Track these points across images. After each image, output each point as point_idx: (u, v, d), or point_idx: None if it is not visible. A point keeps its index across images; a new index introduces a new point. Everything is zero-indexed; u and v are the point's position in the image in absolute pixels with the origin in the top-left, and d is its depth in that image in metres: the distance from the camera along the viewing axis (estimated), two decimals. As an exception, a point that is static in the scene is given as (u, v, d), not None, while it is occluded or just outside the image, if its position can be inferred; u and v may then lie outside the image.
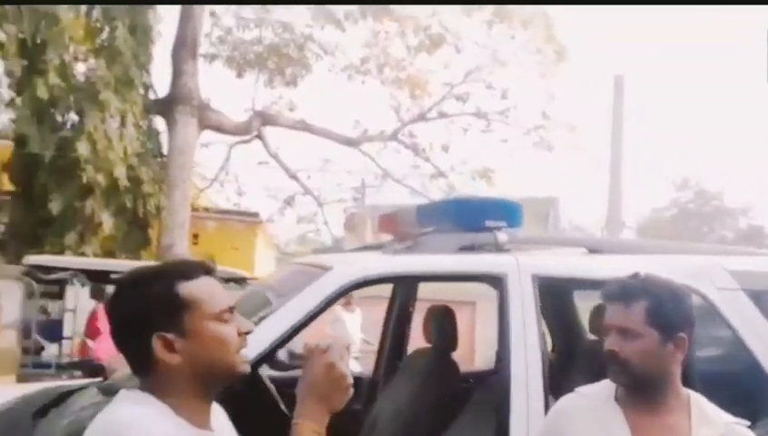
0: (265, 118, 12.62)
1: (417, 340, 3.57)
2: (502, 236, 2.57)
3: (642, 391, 1.60)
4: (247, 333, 1.28)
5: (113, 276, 6.12)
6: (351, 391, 1.30)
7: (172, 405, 1.19)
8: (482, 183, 12.46)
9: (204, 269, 1.27)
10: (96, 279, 6.86)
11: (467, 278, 2.49)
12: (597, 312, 3.00)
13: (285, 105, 13.16)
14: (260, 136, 12.59)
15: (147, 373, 1.22)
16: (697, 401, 1.63)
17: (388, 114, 13.60)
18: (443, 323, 3.29)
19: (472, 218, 2.62)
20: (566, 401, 1.73)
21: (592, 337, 3.09)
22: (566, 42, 12.00)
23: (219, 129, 11.91)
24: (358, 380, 2.46)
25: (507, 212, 2.65)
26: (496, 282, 2.38)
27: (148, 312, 1.20)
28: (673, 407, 1.60)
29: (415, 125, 13.54)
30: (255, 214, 14.41)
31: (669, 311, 1.58)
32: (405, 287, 3.74)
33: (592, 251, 2.61)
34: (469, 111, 12.79)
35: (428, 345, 3.33)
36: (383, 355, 3.85)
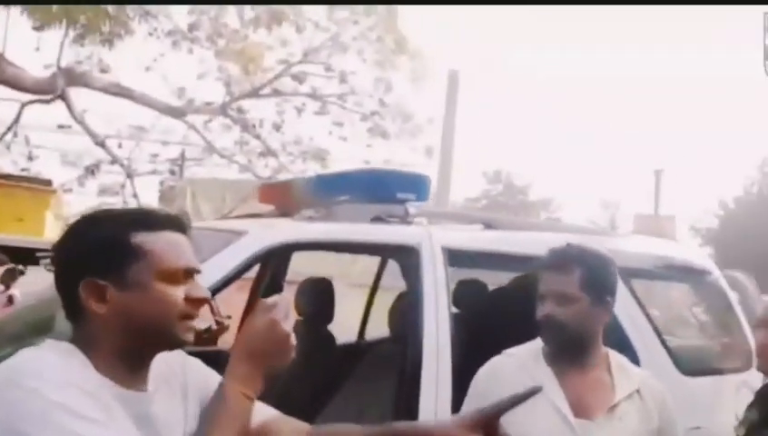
0: (72, 77, 11.52)
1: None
2: (412, 208, 2.74)
3: (572, 350, 1.80)
4: (200, 301, 1.19)
5: None
6: (292, 354, 1.19)
7: (94, 359, 1.12)
8: (315, 165, 12.61)
9: (175, 223, 1.21)
10: None
11: (383, 248, 2.62)
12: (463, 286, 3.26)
13: (96, 66, 12.12)
14: (63, 97, 11.46)
15: (75, 322, 1.15)
16: (614, 356, 1.88)
17: (216, 87, 13.20)
18: (318, 295, 3.37)
19: (384, 190, 2.75)
20: (495, 362, 1.87)
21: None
22: (407, 33, 12.57)
23: (15, 85, 10.67)
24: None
25: (417, 185, 2.82)
26: (409, 252, 2.54)
27: (87, 255, 1.14)
28: (596, 363, 1.82)
29: (246, 101, 13.29)
30: (47, 182, 13.04)
31: (600, 277, 1.80)
32: (276, 261, 3.75)
33: (488, 226, 2.88)
34: (305, 91, 12.85)
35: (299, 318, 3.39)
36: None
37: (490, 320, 2.73)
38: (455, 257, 2.57)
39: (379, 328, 3.86)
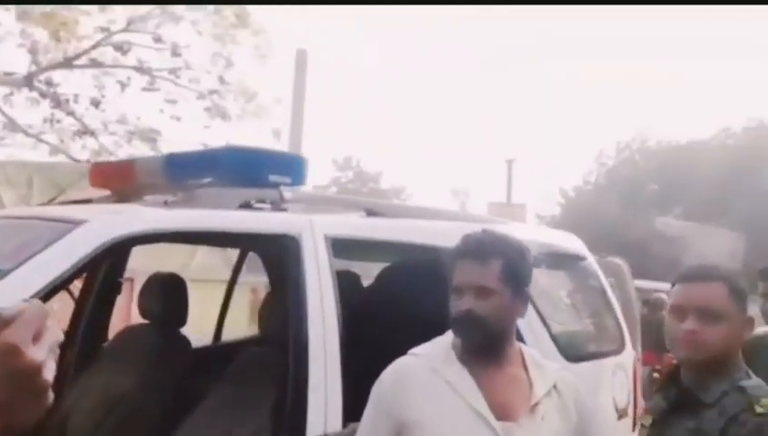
0: None
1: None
2: (288, 193, 2.44)
3: (490, 347, 1.66)
4: None
5: None
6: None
7: None
8: (144, 147, 11.63)
9: None
10: None
11: (257, 238, 2.29)
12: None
13: None
14: None
15: None
16: (527, 351, 1.77)
17: (19, 55, 11.71)
18: (169, 294, 2.97)
19: (254, 171, 2.42)
20: (401, 364, 1.70)
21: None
22: (249, 7, 11.94)
23: None
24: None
25: (292, 166, 2.53)
26: (289, 242, 2.24)
27: None
28: (510, 359, 1.70)
29: (57, 72, 11.92)
30: None
31: (519, 268, 1.67)
32: (115, 255, 3.26)
33: (370, 213, 2.66)
34: (130, 64, 11.79)
35: (145, 321, 2.97)
36: (75, 341, 3.29)
37: (372, 316, 2.50)
38: (339, 247, 2.32)
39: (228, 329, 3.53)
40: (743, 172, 28.64)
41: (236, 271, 3.68)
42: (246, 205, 2.35)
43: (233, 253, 3.79)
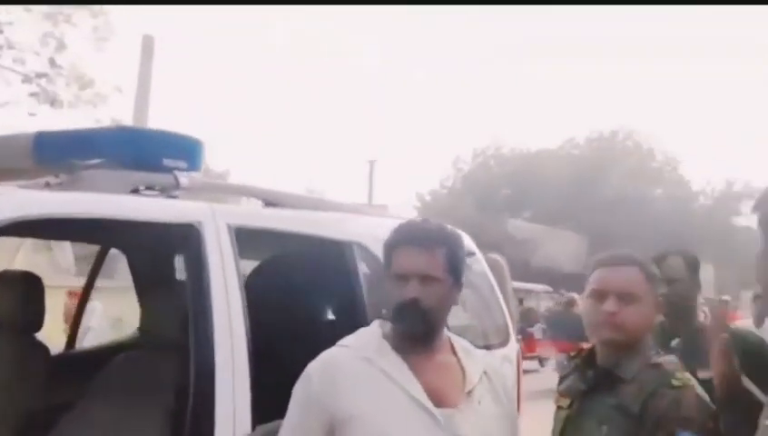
0: None
1: None
2: (184, 179, 2.29)
3: (427, 335, 1.67)
4: None
5: None
6: None
7: None
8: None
9: None
10: None
11: (154, 226, 2.11)
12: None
13: None
14: None
15: None
16: (455, 338, 1.78)
17: None
18: (22, 295, 2.69)
19: (147, 154, 2.25)
20: (330, 356, 1.65)
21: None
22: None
23: None
24: None
25: (187, 150, 2.37)
26: (188, 231, 2.10)
27: None
28: (441, 346, 1.72)
29: None
30: None
31: (459, 257, 1.71)
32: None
33: (269, 203, 2.56)
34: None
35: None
36: None
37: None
38: (242, 238, 2.21)
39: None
40: (586, 180, 31.21)
41: (95, 271, 3.42)
42: (138, 191, 2.19)
43: (60, 254, 3.51)
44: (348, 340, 1.69)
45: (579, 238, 18.09)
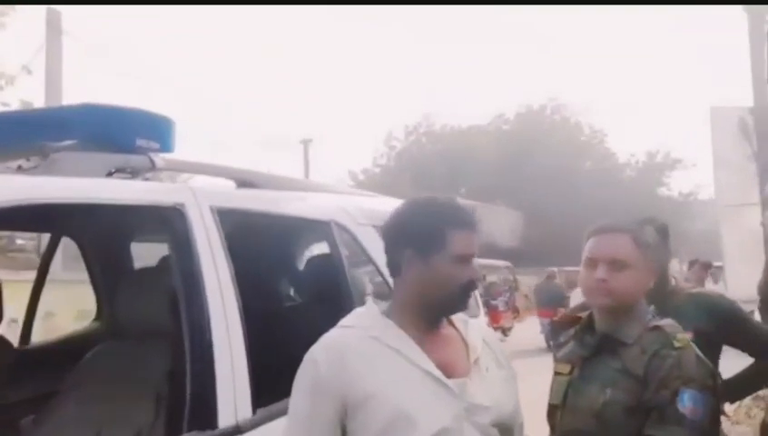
0: None
1: None
2: (159, 160, 2.22)
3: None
4: None
5: None
6: None
7: None
8: None
9: None
10: None
11: (137, 209, 2.03)
12: None
13: None
14: None
15: None
16: None
17: None
18: None
19: (120, 134, 2.17)
20: (335, 337, 1.64)
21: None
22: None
23: None
24: None
25: (160, 129, 2.30)
26: (172, 214, 2.05)
27: None
28: (443, 321, 1.73)
29: None
30: None
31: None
32: None
33: (242, 184, 2.52)
34: None
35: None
36: None
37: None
38: (225, 221, 2.17)
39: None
40: (518, 154, 31.89)
41: (47, 260, 3.28)
42: (113, 173, 2.11)
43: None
44: (348, 320, 1.69)
45: (515, 213, 18.50)
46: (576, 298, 5.99)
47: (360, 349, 1.59)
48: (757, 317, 3.07)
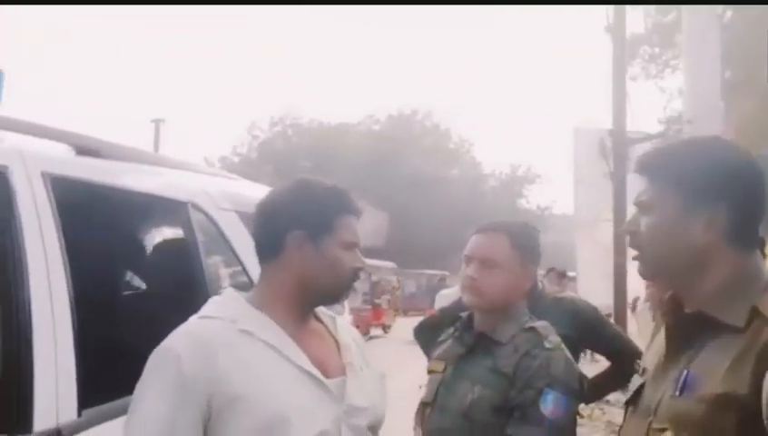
0: None
1: None
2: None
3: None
4: None
5: None
6: None
7: None
8: None
9: None
10: None
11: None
12: None
13: None
14: None
15: None
16: None
17: None
18: None
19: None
20: (199, 329, 1.45)
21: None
22: None
23: None
24: None
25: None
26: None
27: None
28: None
29: None
30: None
31: None
32: None
33: (83, 151, 2.22)
34: None
35: None
36: None
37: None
38: (59, 191, 1.90)
39: None
40: (386, 156, 32.40)
41: None
42: None
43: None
44: (209, 310, 1.51)
45: (381, 214, 18.80)
46: (441, 300, 6.06)
47: (230, 343, 1.43)
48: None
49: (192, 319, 1.50)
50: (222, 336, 1.43)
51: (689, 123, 7.98)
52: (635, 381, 1.43)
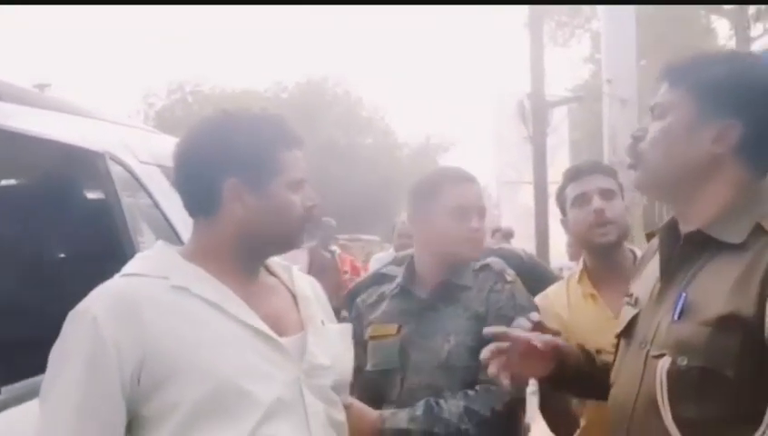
0: None
1: None
2: None
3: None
4: None
5: None
6: None
7: None
8: None
9: None
10: None
11: None
12: None
13: None
14: None
15: None
16: None
17: None
18: None
19: None
20: (124, 287, 1.32)
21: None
22: None
23: None
24: None
25: None
26: None
27: None
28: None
29: None
30: None
31: None
32: None
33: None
34: None
35: None
36: None
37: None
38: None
39: None
40: (297, 125, 31.91)
41: None
42: None
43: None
44: (135, 266, 1.38)
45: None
46: (375, 263, 6.05)
47: (161, 302, 1.29)
48: None
49: (116, 277, 1.36)
50: (151, 294, 1.30)
51: (608, 83, 8.23)
52: (628, 312, 1.43)
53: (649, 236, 1.50)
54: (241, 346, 1.32)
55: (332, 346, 1.48)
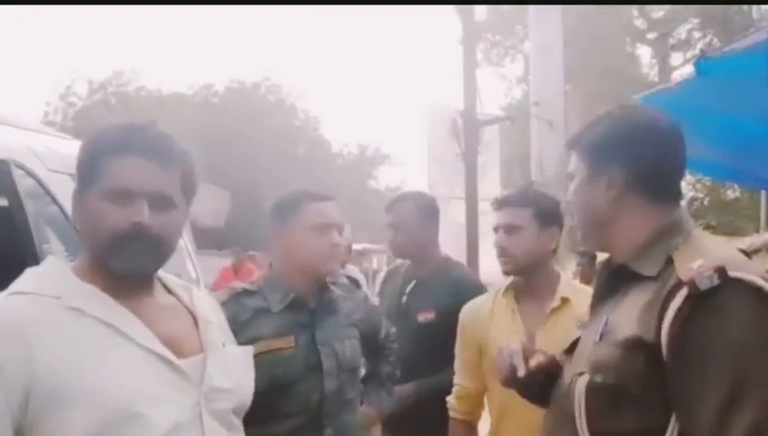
0: None
1: None
2: None
3: (155, 270, 1.53)
4: None
5: None
6: None
7: None
8: None
9: None
10: None
11: None
12: None
13: None
14: None
15: None
16: (161, 273, 1.61)
17: None
18: None
19: None
20: (13, 306, 1.28)
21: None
22: None
23: None
24: None
25: None
26: None
27: None
28: (156, 284, 1.54)
29: None
30: None
31: (196, 181, 1.62)
32: None
33: None
34: None
35: None
36: None
37: None
38: None
39: None
40: (228, 131, 31.55)
41: None
42: None
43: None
44: (23, 285, 1.34)
45: (223, 193, 18.27)
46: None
47: (53, 324, 1.27)
48: None
49: (2, 295, 1.32)
50: (40, 315, 1.27)
51: (536, 105, 8.53)
52: (575, 333, 1.61)
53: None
54: (137, 369, 1.31)
55: (233, 369, 1.48)
